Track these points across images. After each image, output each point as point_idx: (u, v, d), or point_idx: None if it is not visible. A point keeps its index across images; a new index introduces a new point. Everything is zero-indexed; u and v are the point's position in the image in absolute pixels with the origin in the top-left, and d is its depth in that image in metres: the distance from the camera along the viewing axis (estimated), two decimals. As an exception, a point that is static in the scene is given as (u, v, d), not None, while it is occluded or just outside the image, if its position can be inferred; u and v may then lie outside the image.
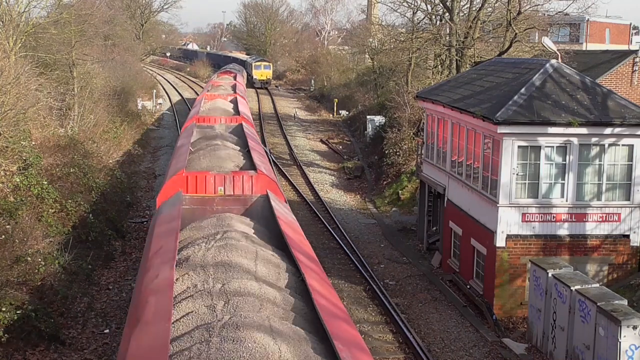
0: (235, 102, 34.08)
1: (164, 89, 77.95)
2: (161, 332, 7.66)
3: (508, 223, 19.62)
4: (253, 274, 9.87)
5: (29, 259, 18.28)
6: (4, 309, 15.69)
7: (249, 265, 10.16)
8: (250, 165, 17.81)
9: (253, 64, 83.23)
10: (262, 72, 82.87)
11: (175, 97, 71.69)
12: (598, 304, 15.44)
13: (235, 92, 40.15)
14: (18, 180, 21.95)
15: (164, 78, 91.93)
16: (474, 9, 39.62)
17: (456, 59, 39.15)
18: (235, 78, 54.29)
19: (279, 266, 10.61)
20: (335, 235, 27.75)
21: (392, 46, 48.39)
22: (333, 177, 39.55)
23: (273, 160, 38.56)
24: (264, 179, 15.60)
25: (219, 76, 57.47)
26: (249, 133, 23.47)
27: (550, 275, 17.32)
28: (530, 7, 37.33)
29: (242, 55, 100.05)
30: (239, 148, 20.90)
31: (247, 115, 29.79)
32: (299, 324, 8.45)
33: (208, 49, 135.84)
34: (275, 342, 7.44)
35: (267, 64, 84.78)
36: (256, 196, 14.81)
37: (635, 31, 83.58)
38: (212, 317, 8.36)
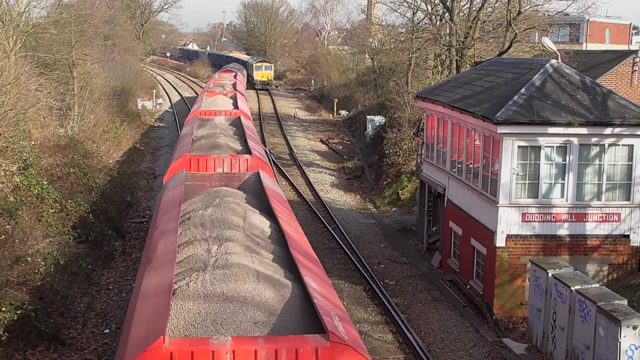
0: (235, 98, 35.76)
1: (164, 89, 77.96)
2: (166, 279, 9.41)
3: (508, 223, 19.62)
4: (242, 229, 12.09)
5: (29, 259, 18.27)
6: (4, 309, 15.68)
7: (238, 222, 12.44)
8: (246, 151, 19.83)
9: (254, 65, 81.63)
10: (263, 73, 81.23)
11: (175, 97, 71.71)
12: (598, 304, 15.44)
13: (235, 89, 42.18)
14: (18, 180, 21.95)
15: (164, 78, 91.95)
16: (474, 9, 39.62)
17: (456, 59, 39.15)
18: (235, 77, 55.96)
19: (264, 222, 12.98)
20: (335, 235, 27.75)
21: (392, 46, 48.40)
22: (333, 177, 39.55)
23: (273, 160, 38.57)
24: (257, 160, 17.94)
25: (220, 75, 59.43)
26: (246, 125, 25.43)
27: (550, 275, 17.32)
28: (530, 7, 37.36)
29: (243, 56, 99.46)
30: (237, 137, 23.04)
31: (245, 110, 31.38)
32: (275, 255, 11.24)
33: (208, 49, 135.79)
34: (254, 265, 10.03)
35: (268, 64, 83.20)
36: (249, 174, 17.16)
37: (635, 31, 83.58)
38: (207, 256, 10.51)
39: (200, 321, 8.43)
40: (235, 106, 32.47)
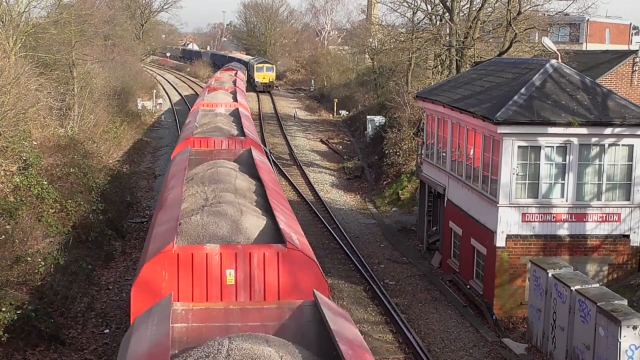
0: (234, 92, 39.32)
1: (164, 89, 77.96)
2: (175, 213, 12.56)
3: (508, 223, 19.62)
4: (233, 185, 15.32)
5: (29, 259, 18.27)
6: (4, 309, 15.68)
7: (230, 180, 15.75)
8: (242, 134, 23.23)
9: (255, 66, 78.76)
10: (264, 74, 78.55)
11: (175, 97, 71.71)
12: (598, 304, 15.44)
13: (235, 85, 45.67)
14: (18, 180, 21.94)
15: (164, 78, 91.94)
16: (474, 9, 39.61)
17: (456, 59, 39.15)
18: (236, 74, 57.97)
19: (250, 182, 16.31)
20: (335, 235, 27.75)
21: (392, 46, 48.39)
22: (333, 177, 39.54)
23: (273, 160, 38.58)
24: (250, 141, 21.32)
25: (222, 72, 61.90)
26: (243, 114, 29.05)
27: (550, 275, 17.32)
28: (530, 7, 37.34)
29: (245, 56, 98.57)
30: (235, 124, 26.69)
31: (243, 102, 34.81)
32: (256, 200, 14.68)
33: (208, 48, 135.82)
34: (239, 206, 13.09)
35: (270, 65, 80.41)
36: (243, 149, 20.66)
37: (635, 31, 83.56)
38: (204, 201, 13.84)
39: (198, 238, 11.70)
40: (235, 99, 35.96)
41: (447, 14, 40.19)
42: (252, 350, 7.51)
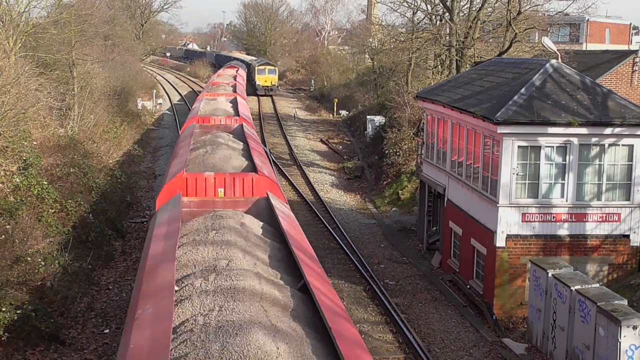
0: (234, 86, 44.35)
1: (164, 89, 77.93)
2: (184, 156, 18.01)
3: (508, 223, 19.62)
4: (226, 143, 20.37)
5: (29, 259, 18.26)
6: (4, 309, 15.68)
7: (225, 141, 20.72)
8: (236, 113, 26.47)
9: (256, 68, 74.71)
10: (266, 77, 74.58)
11: (176, 97, 71.70)
12: (598, 304, 15.44)
13: (235, 80, 50.02)
14: (18, 180, 21.94)
15: (164, 78, 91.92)
16: (474, 9, 39.61)
17: (456, 59, 39.15)
18: (237, 71, 61.35)
19: (239, 143, 21.59)
20: (335, 235, 27.75)
21: (392, 46, 48.39)
22: (333, 177, 39.54)
23: (273, 160, 38.57)
24: (242, 119, 25.50)
25: (224, 69, 64.72)
26: (241, 102, 33.03)
27: (550, 275, 17.32)
28: (530, 7, 37.34)
29: (247, 57, 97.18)
30: (233, 113, 30.05)
31: (242, 94, 39.61)
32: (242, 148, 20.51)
33: (209, 48, 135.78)
34: (230, 150, 18.75)
35: (272, 67, 76.11)
36: (237, 125, 25.12)
37: (635, 31, 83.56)
38: (205, 150, 19.14)
39: (201, 166, 17.42)
40: (234, 92, 40.82)
41: (447, 14, 40.19)
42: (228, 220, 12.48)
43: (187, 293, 9.24)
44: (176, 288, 9.38)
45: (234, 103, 33.59)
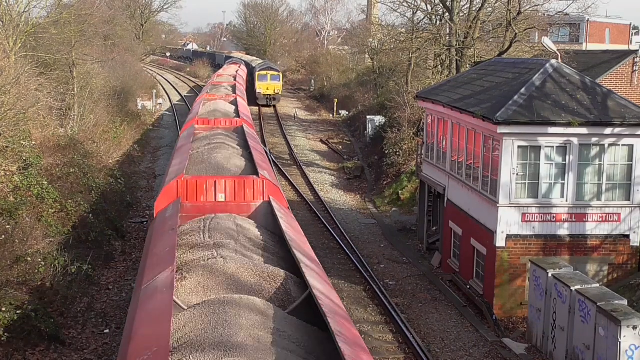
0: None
1: (164, 89, 77.93)
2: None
3: (508, 223, 19.62)
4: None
5: (29, 259, 18.25)
6: (4, 309, 15.68)
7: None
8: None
9: (257, 73, 63.94)
10: (268, 84, 63.56)
11: (176, 97, 71.70)
12: (598, 304, 15.44)
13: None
14: (18, 180, 21.93)
15: (164, 78, 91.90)
16: (474, 9, 39.61)
17: (456, 59, 39.14)
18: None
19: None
20: (335, 235, 27.75)
21: (392, 46, 48.41)
22: (333, 177, 39.54)
23: (273, 160, 38.58)
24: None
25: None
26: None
27: (550, 275, 17.32)
28: (530, 7, 37.34)
29: (256, 59, 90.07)
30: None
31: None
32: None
33: (208, 48, 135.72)
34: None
35: (275, 73, 64.63)
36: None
37: (635, 31, 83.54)
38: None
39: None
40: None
41: (447, 14, 40.19)
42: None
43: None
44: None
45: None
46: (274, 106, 64.60)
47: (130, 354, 7.59)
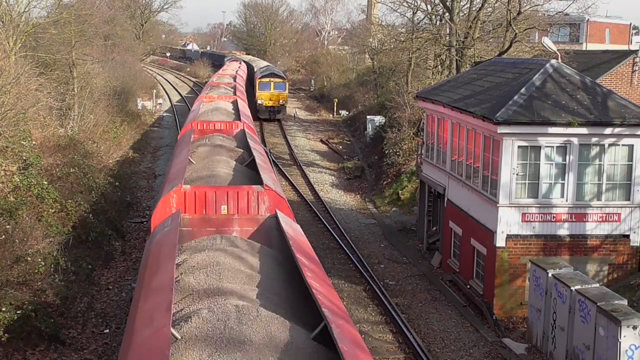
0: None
1: (164, 89, 77.92)
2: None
3: (508, 223, 19.62)
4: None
5: (29, 259, 18.24)
6: (4, 309, 15.68)
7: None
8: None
9: (258, 81, 55.33)
10: (271, 93, 54.51)
11: (176, 97, 71.69)
12: (598, 304, 15.44)
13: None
14: (18, 180, 21.93)
15: (164, 78, 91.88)
16: (474, 9, 39.61)
17: (456, 59, 39.14)
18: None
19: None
20: (335, 235, 27.75)
21: (392, 46, 48.40)
22: (333, 177, 39.54)
23: (273, 160, 38.57)
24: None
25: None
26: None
27: (550, 275, 17.32)
28: (530, 7, 37.34)
29: (262, 62, 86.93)
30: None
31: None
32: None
33: (208, 48, 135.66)
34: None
35: (279, 80, 55.58)
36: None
37: (635, 31, 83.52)
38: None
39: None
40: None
41: (447, 14, 40.19)
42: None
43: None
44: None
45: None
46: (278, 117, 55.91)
47: None
